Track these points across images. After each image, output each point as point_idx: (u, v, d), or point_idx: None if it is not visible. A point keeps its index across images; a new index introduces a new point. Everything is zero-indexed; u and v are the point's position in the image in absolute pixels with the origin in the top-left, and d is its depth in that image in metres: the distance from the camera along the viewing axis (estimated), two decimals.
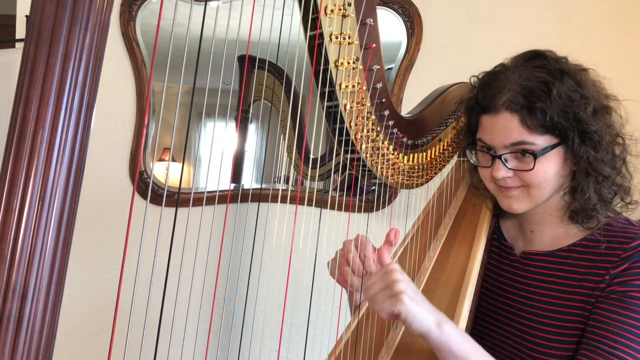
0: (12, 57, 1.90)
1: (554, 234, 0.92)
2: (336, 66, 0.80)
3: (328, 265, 0.95)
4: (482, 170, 0.92)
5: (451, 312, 0.87)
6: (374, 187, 1.84)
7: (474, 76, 0.94)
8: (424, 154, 1.02)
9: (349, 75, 0.82)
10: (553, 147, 0.83)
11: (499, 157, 0.85)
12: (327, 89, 0.83)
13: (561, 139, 0.82)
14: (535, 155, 0.82)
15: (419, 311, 0.72)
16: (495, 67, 0.90)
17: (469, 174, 1.06)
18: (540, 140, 0.82)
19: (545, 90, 0.81)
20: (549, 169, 0.84)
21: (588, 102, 0.82)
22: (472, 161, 0.94)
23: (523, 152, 0.83)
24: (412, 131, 0.97)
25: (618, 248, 0.82)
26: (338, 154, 0.95)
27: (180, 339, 1.70)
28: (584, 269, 0.85)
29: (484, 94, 0.88)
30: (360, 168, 0.96)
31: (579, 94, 0.82)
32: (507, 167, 0.85)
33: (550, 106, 0.80)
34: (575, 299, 0.84)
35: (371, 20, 0.80)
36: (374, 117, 0.89)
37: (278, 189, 1.89)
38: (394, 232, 0.84)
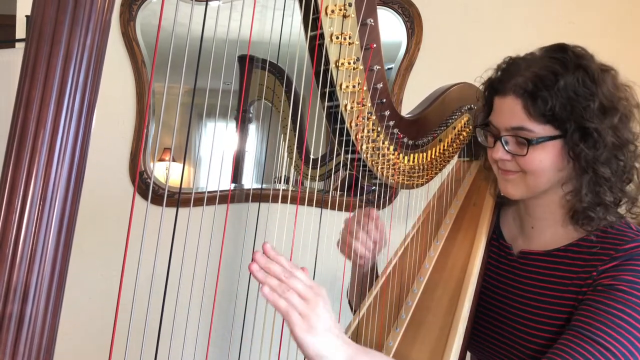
0: (12, 57, 1.90)
1: (554, 232, 0.92)
2: (337, 66, 0.80)
3: (338, 245, 1.05)
4: (488, 152, 0.94)
5: (451, 314, 0.87)
6: (374, 187, 1.84)
7: (499, 64, 0.94)
8: (425, 154, 1.02)
9: (349, 76, 0.82)
10: (550, 138, 0.83)
11: (500, 138, 0.87)
12: (327, 89, 0.83)
13: (561, 132, 0.83)
14: (529, 142, 0.83)
15: (327, 344, 0.68)
16: (526, 54, 0.91)
17: (482, 155, 1.08)
18: (540, 129, 0.83)
19: (553, 80, 0.81)
20: (545, 159, 0.84)
21: (594, 99, 0.81)
22: (479, 140, 0.96)
23: (521, 137, 0.84)
24: (413, 131, 0.97)
25: (611, 249, 0.82)
26: (338, 154, 0.95)
27: (181, 339, 1.70)
28: (578, 267, 0.85)
29: (501, 76, 0.90)
30: (361, 168, 0.96)
31: (588, 90, 0.81)
32: (505, 149, 0.87)
33: (554, 96, 0.81)
34: (567, 297, 0.84)
35: (372, 21, 0.80)
36: (374, 117, 0.88)
37: (278, 189, 1.89)
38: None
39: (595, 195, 0.84)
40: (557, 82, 0.81)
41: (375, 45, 0.82)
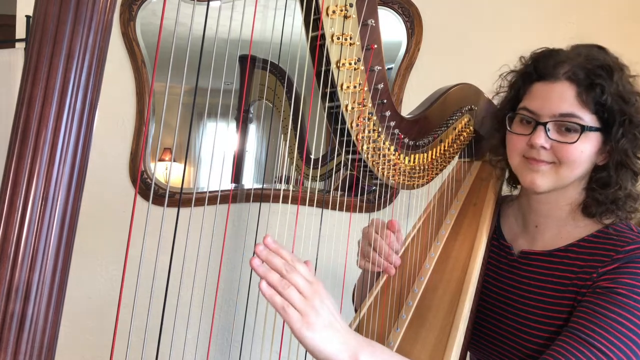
0: (12, 57, 1.90)
1: (558, 231, 0.92)
2: (338, 67, 0.80)
3: (357, 262, 1.01)
4: (516, 140, 0.90)
5: (452, 314, 0.87)
6: (374, 188, 1.84)
7: (522, 57, 0.94)
8: (425, 154, 1.02)
9: (350, 76, 0.82)
10: (597, 129, 0.84)
11: (544, 124, 0.85)
12: (328, 90, 0.83)
13: (603, 125, 0.84)
14: (583, 129, 0.83)
15: (328, 341, 0.67)
16: (561, 48, 0.91)
17: (489, 150, 1.06)
18: (588, 118, 0.83)
19: (608, 72, 0.83)
20: (586, 150, 0.84)
21: (639, 96, 0.85)
22: (508, 129, 0.93)
23: (568, 126, 0.84)
24: (413, 132, 0.97)
25: (612, 250, 0.83)
26: (339, 154, 0.95)
27: (182, 338, 1.70)
28: (578, 268, 0.85)
29: (545, 63, 0.88)
30: (361, 169, 0.96)
31: (631, 87, 0.85)
32: (548, 136, 0.85)
33: (610, 87, 0.82)
34: (566, 297, 0.84)
35: (372, 21, 0.80)
36: (375, 117, 0.89)
37: (279, 189, 1.90)
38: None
39: (623, 188, 0.86)
40: (612, 75, 0.83)
41: (376, 46, 0.82)
